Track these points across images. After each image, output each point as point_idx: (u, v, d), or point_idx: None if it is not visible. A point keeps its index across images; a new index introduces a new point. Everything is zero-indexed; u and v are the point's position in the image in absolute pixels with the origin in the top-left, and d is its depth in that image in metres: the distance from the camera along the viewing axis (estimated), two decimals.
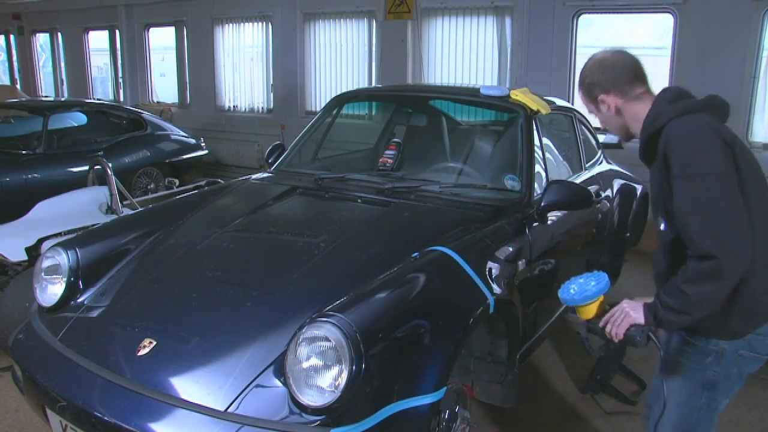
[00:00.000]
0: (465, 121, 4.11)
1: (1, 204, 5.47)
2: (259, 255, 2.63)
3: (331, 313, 1.89)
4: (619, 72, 1.88)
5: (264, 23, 8.88)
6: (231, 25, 9.23)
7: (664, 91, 1.85)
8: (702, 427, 1.94)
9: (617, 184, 4.35)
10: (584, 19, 6.52)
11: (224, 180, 4.38)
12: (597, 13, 6.52)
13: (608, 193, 4.12)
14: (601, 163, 4.41)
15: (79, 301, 2.49)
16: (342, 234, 2.62)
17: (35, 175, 6.00)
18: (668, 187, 1.69)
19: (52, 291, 2.52)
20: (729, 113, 1.84)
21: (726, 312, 1.75)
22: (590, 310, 1.92)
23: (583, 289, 1.90)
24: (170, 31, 10.01)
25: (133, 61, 10.53)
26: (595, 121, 2.38)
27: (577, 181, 3.66)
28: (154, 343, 2.11)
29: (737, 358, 1.84)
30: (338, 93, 4.43)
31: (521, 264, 2.70)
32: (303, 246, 2.60)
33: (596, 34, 7.19)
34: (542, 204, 2.82)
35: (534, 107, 3.21)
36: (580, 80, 1.97)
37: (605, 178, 4.18)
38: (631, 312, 1.81)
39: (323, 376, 1.84)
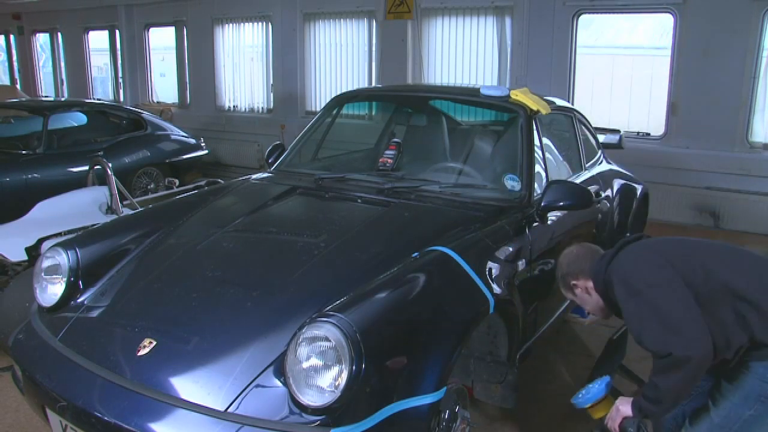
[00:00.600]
0: (465, 121, 4.11)
1: (1, 204, 5.47)
2: (259, 255, 2.63)
3: (331, 313, 1.89)
4: (581, 259, 2.22)
5: (264, 23, 8.88)
6: (231, 25, 9.23)
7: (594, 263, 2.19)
8: None
9: (617, 184, 4.35)
10: (584, 19, 6.52)
11: (224, 180, 4.37)
12: (597, 13, 6.52)
13: (608, 193, 4.12)
14: (601, 163, 4.41)
15: (79, 301, 2.49)
16: (342, 234, 2.62)
17: (35, 175, 5.99)
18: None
19: (52, 291, 2.52)
20: None
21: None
22: (599, 411, 2.20)
23: (587, 391, 2.22)
24: (170, 31, 10.01)
25: (133, 61, 10.53)
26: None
27: (577, 181, 3.66)
28: (154, 343, 2.11)
29: None
30: (338, 93, 4.43)
31: (521, 264, 2.69)
32: (303, 246, 2.60)
33: (596, 34, 7.20)
34: (542, 204, 2.82)
35: (534, 107, 3.21)
36: (557, 275, 2.32)
37: (605, 178, 4.18)
38: (621, 407, 2.07)
39: (323, 376, 1.84)
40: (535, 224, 2.87)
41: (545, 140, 3.34)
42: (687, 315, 1.87)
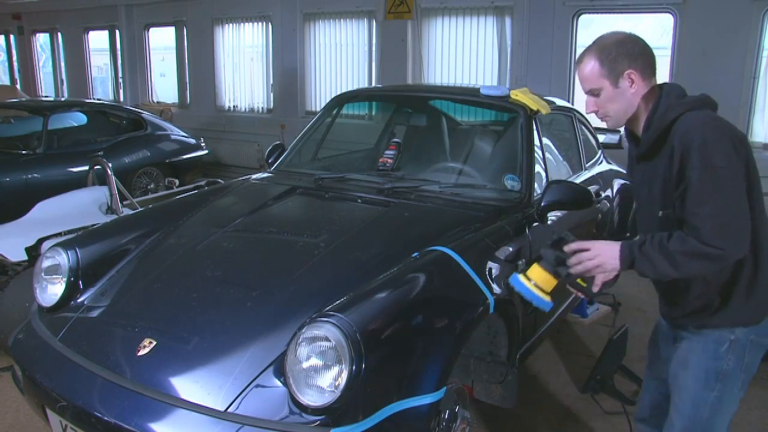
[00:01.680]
0: (465, 121, 4.11)
1: (1, 204, 5.47)
2: (259, 255, 2.63)
3: (331, 313, 1.89)
4: (648, 55, 1.87)
5: (264, 23, 8.88)
6: (231, 25, 9.24)
7: (670, 86, 1.88)
8: (714, 424, 1.92)
9: (617, 184, 4.35)
10: (584, 19, 6.52)
11: (224, 180, 4.38)
12: (597, 13, 6.52)
13: (608, 193, 4.13)
14: (601, 163, 4.41)
15: (79, 301, 2.49)
16: (342, 234, 2.62)
17: (35, 175, 6.00)
18: (677, 178, 1.75)
19: (52, 291, 2.52)
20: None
21: (743, 301, 1.82)
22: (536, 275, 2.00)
23: None
24: (170, 31, 10.01)
25: (133, 61, 10.53)
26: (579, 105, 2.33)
27: (577, 181, 3.66)
28: (154, 343, 2.11)
29: (748, 344, 1.87)
30: (338, 93, 4.43)
31: (521, 264, 2.70)
32: (303, 246, 2.60)
33: (596, 34, 7.20)
34: (542, 204, 2.82)
35: (534, 107, 3.21)
36: (603, 49, 1.85)
37: (605, 178, 4.19)
38: (605, 261, 1.84)
39: (323, 376, 1.84)
40: (535, 224, 2.87)
41: (545, 140, 3.34)
42: (748, 215, 1.71)
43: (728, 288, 1.83)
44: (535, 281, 1.97)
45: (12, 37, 12.74)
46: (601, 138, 4.66)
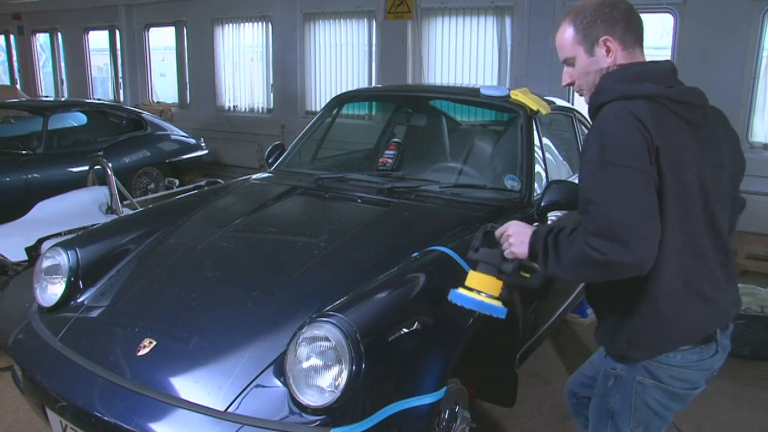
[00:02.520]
0: (465, 121, 4.11)
1: (1, 204, 5.47)
2: (259, 255, 2.63)
3: (331, 313, 1.89)
4: (631, 21, 1.64)
5: (264, 23, 8.88)
6: (231, 25, 9.23)
7: (629, 67, 1.64)
8: None
9: None
10: None
11: (224, 180, 4.37)
12: None
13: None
14: None
15: (79, 301, 2.49)
16: (342, 234, 2.62)
17: (35, 175, 6.00)
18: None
19: (52, 291, 2.52)
20: (696, 110, 1.63)
21: (621, 336, 1.62)
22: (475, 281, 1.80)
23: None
24: (170, 31, 10.01)
25: (133, 61, 10.53)
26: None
27: (578, 181, 3.65)
28: (154, 343, 2.11)
29: (636, 385, 1.67)
30: (338, 93, 4.43)
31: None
32: (303, 246, 2.60)
33: None
34: (542, 204, 2.81)
35: (534, 107, 3.21)
36: (579, 14, 1.66)
37: None
38: (515, 247, 1.68)
39: (323, 376, 1.84)
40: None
41: (545, 140, 3.34)
42: (641, 223, 1.45)
43: (622, 310, 1.62)
44: (479, 289, 1.76)
45: (12, 37, 12.73)
46: None
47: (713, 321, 1.66)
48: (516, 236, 1.68)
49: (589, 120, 1.69)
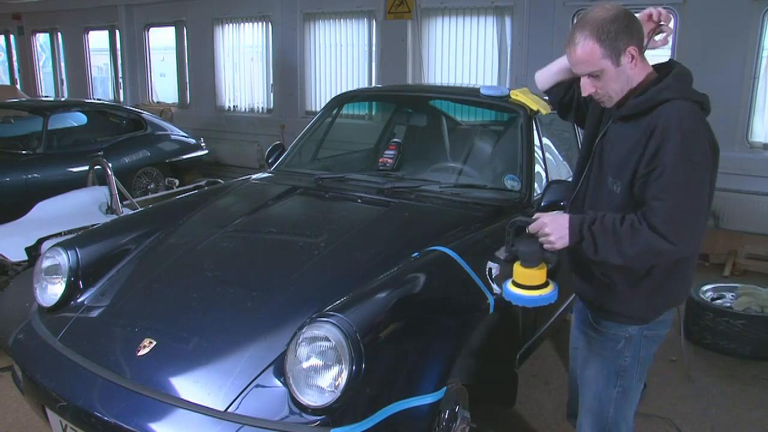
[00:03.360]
0: (465, 121, 4.11)
1: (1, 204, 5.47)
2: (259, 255, 2.63)
3: (331, 313, 1.89)
4: (640, 27, 1.79)
5: (264, 23, 8.87)
6: (231, 25, 9.23)
7: (682, 70, 1.81)
8: (620, 416, 1.98)
9: None
10: None
11: (224, 180, 4.37)
12: None
13: None
14: None
15: (79, 301, 2.49)
16: (342, 234, 2.62)
17: (35, 175, 6.00)
18: (648, 159, 1.68)
19: (52, 291, 2.52)
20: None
21: (642, 302, 1.85)
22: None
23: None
24: (170, 31, 10.01)
25: (133, 61, 10.52)
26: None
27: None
28: (154, 343, 2.11)
29: (643, 339, 1.92)
30: (338, 93, 4.43)
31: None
32: (303, 246, 2.60)
33: None
34: (542, 204, 2.82)
35: (534, 107, 3.21)
36: (600, 28, 1.72)
37: None
38: (557, 242, 1.76)
39: (323, 376, 1.84)
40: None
41: (545, 140, 3.34)
42: (706, 217, 1.73)
43: (637, 280, 1.82)
44: (530, 284, 1.82)
45: (12, 37, 12.73)
46: None
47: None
48: (555, 231, 1.75)
49: (630, 115, 1.79)
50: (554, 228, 1.75)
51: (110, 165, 4.58)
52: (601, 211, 1.76)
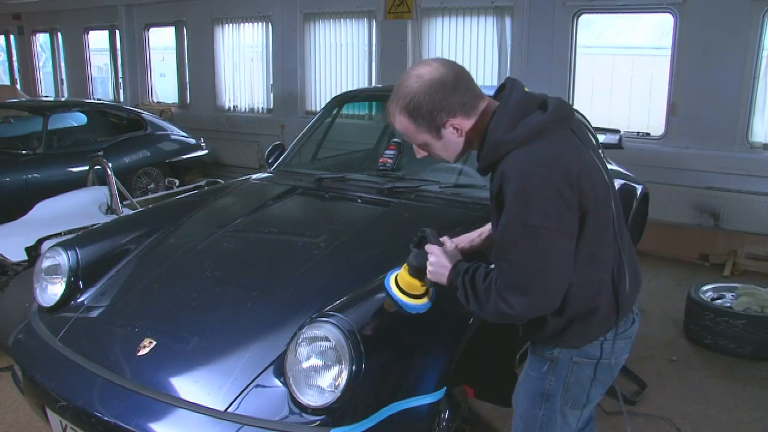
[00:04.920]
0: None
1: (1, 204, 5.47)
2: (259, 255, 2.63)
3: (331, 313, 1.89)
4: (463, 85, 1.60)
5: (264, 23, 8.87)
6: (231, 25, 9.22)
7: (502, 107, 1.61)
8: None
9: (617, 184, 4.35)
10: (584, 19, 6.51)
11: (224, 180, 4.38)
12: (597, 13, 6.51)
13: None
14: None
15: (79, 301, 2.49)
16: (342, 234, 2.62)
17: (35, 175, 6.00)
18: (496, 216, 1.60)
19: (52, 291, 2.52)
20: (573, 119, 1.68)
21: (564, 327, 1.69)
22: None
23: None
24: (170, 31, 10.00)
25: (133, 61, 10.52)
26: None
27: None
28: (154, 343, 2.11)
29: (571, 365, 1.76)
30: (338, 93, 4.42)
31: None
32: (303, 246, 2.60)
33: (596, 34, 7.19)
34: None
35: None
36: (410, 104, 1.58)
37: None
38: (434, 276, 1.76)
39: (323, 376, 1.84)
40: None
41: None
42: (562, 278, 1.56)
43: (542, 317, 1.69)
44: (406, 290, 1.87)
45: (12, 37, 12.72)
46: (601, 138, 4.66)
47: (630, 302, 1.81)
48: (436, 267, 1.75)
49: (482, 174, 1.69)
50: (438, 261, 1.75)
51: (110, 165, 4.58)
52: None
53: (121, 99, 10.72)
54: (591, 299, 1.67)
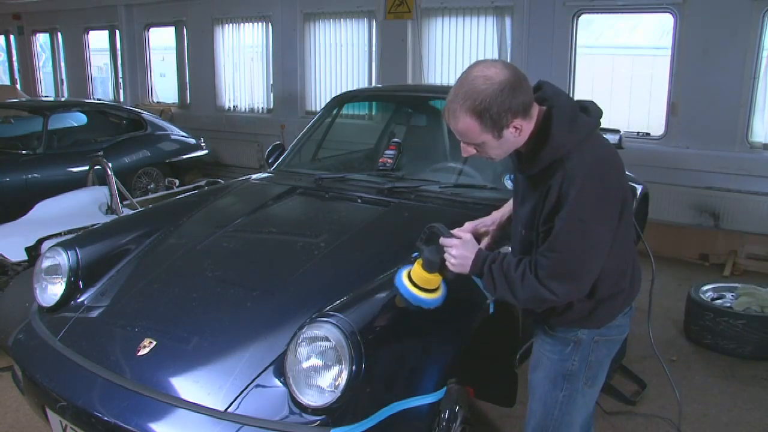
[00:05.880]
0: None
1: (1, 204, 5.47)
2: (259, 255, 2.63)
3: (331, 313, 1.89)
4: (525, 89, 1.66)
5: (264, 23, 8.87)
6: (231, 25, 9.22)
7: (558, 109, 1.69)
8: (565, 422, 1.96)
9: None
10: (584, 19, 6.51)
11: (224, 180, 4.38)
12: (597, 13, 6.51)
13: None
14: None
15: (79, 301, 2.49)
16: (342, 234, 2.62)
17: (35, 175, 6.00)
18: (546, 215, 1.69)
19: (52, 291, 2.52)
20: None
21: (592, 310, 1.84)
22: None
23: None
24: (170, 31, 10.00)
25: (133, 61, 10.52)
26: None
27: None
28: (154, 343, 2.11)
29: (593, 344, 1.90)
30: (338, 93, 4.42)
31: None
32: (303, 246, 2.60)
33: (596, 34, 7.19)
34: None
35: None
36: (479, 105, 1.61)
37: None
38: (456, 267, 1.83)
39: (323, 376, 1.84)
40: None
41: None
42: (597, 272, 1.73)
43: (570, 302, 1.82)
44: (419, 284, 1.88)
45: (12, 37, 12.72)
46: None
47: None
48: (459, 256, 1.82)
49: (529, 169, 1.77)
50: (460, 253, 1.82)
51: (110, 165, 4.58)
52: (516, 250, 1.88)
53: (121, 99, 10.72)
54: (617, 282, 1.84)
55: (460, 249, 1.82)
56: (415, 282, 1.88)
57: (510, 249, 1.98)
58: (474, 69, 1.66)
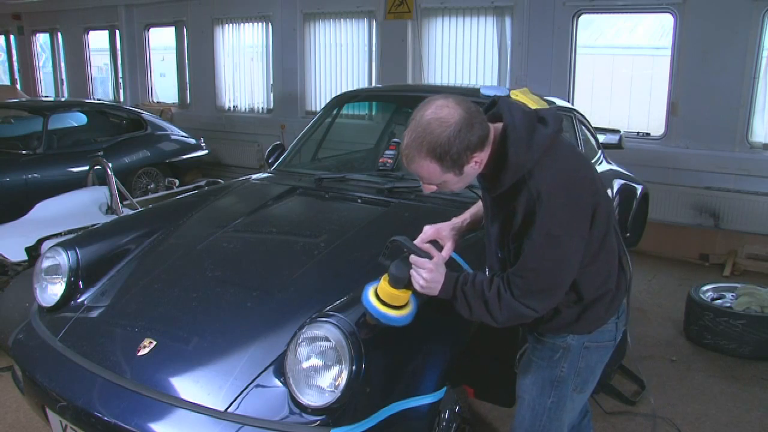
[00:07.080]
0: None
1: (1, 204, 5.47)
2: (259, 255, 2.63)
3: (331, 313, 1.89)
4: (480, 117, 1.62)
5: (264, 23, 8.87)
6: (231, 25, 9.22)
7: (513, 129, 1.64)
8: (553, 428, 1.94)
9: (617, 184, 4.35)
10: (584, 19, 6.51)
11: (224, 180, 4.38)
12: (597, 13, 6.51)
13: (608, 193, 4.12)
14: (601, 163, 4.40)
15: (79, 301, 2.49)
16: (342, 234, 2.62)
17: (35, 175, 6.00)
18: (516, 232, 1.68)
19: (52, 291, 2.52)
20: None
21: (580, 314, 1.83)
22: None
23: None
24: (170, 31, 10.00)
25: (133, 61, 10.52)
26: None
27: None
28: (154, 343, 2.11)
29: (583, 350, 1.89)
30: (338, 93, 4.42)
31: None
32: (303, 246, 2.60)
33: (596, 34, 7.20)
34: None
35: (534, 107, 3.20)
36: (438, 149, 1.58)
37: (605, 178, 4.18)
38: (426, 290, 1.77)
39: (323, 376, 1.84)
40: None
41: None
42: (570, 276, 1.72)
43: (556, 308, 1.82)
44: (387, 301, 1.78)
45: (12, 37, 12.72)
46: (601, 138, 4.66)
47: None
48: (431, 280, 1.75)
49: (494, 188, 1.72)
50: (432, 277, 1.75)
51: (110, 165, 4.59)
52: (493, 267, 1.86)
53: (121, 99, 10.72)
54: (603, 284, 1.82)
55: (433, 273, 1.75)
56: (383, 299, 1.78)
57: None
58: (425, 111, 1.61)
